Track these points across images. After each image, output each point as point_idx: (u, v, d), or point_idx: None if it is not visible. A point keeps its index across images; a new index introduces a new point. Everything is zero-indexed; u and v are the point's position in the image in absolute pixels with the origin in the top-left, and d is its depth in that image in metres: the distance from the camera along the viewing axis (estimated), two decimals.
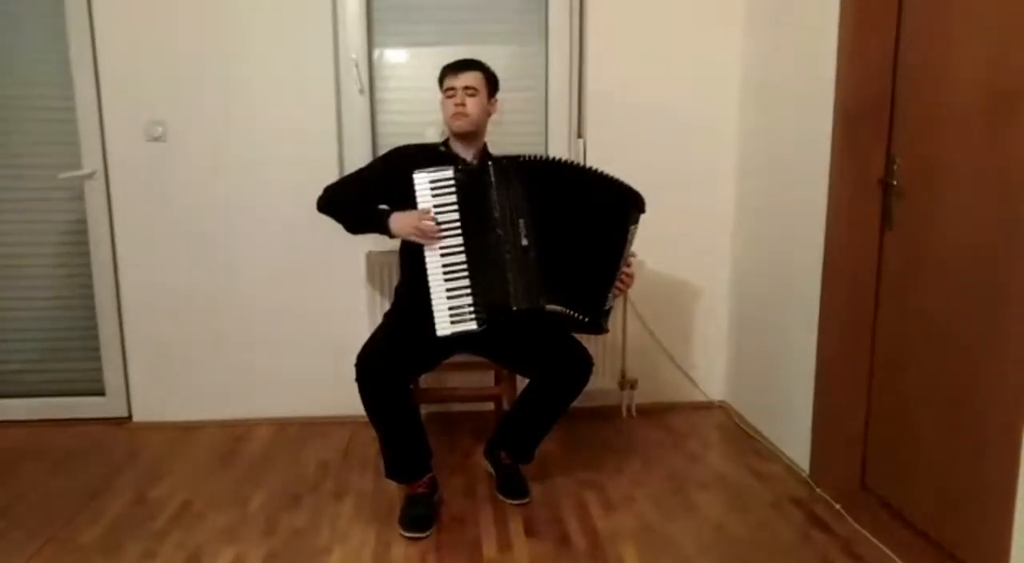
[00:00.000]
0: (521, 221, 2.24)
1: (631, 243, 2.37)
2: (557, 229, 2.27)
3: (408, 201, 2.27)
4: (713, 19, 3.11)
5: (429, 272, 2.25)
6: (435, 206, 2.25)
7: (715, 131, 3.18)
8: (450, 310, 2.24)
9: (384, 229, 2.34)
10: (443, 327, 2.23)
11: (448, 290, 2.24)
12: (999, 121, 1.89)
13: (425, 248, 2.26)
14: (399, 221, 2.31)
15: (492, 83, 2.52)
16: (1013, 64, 1.84)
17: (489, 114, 2.52)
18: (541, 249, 2.25)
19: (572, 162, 2.43)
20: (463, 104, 2.42)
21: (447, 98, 2.46)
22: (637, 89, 3.12)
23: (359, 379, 2.26)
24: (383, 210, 2.38)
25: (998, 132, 1.89)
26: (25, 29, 3.03)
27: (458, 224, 2.25)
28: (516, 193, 2.25)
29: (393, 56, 3.13)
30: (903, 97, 2.29)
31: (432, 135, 3.04)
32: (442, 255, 2.25)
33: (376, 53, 3.12)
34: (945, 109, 2.09)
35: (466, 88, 2.42)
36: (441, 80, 2.50)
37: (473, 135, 2.49)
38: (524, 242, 2.24)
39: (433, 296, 2.24)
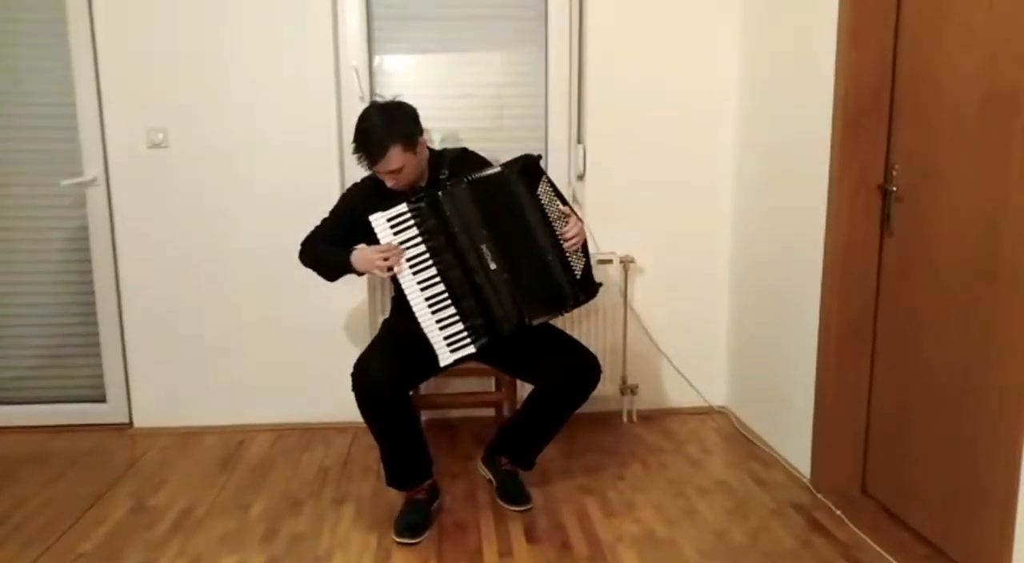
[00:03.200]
0: (484, 246, 2.26)
1: (551, 203, 2.29)
2: (515, 241, 2.27)
3: (376, 239, 2.29)
4: (711, 24, 3.12)
5: (414, 307, 2.26)
6: (400, 242, 2.26)
7: (714, 136, 3.19)
8: (446, 340, 2.26)
9: (351, 270, 2.35)
10: (444, 357, 2.27)
11: (438, 321, 2.26)
12: (997, 125, 1.90)
13: (403, 285, 2.27)
14: (359, 260, 2.31)
15: (412, 140, 2.28)
16: (1012, 67, 1.85)
17: (422, 157, 2.36)
18: (511, 268, 2.27)
19: (484, 172, 2.29)
20: (395, 182, 2.31)
21: (375, 172, 2.32)
22: (637, 94, 3.13)
23: (355, 389, 2.25)
24: (346, 253, 2.34)
25: (996, 136, 1.90)
26: (27, 36, 3.03)
27: (427, 255, 2.26)
28: (471, 219, 2.25)
29: (393, 63, 3.14)
30: (902, 101, 2.29)
31: (434, 142, 3.04)
32: (422, 289, 2.26)
33: (376, 60, 3.13)
34: (944, 114, 2.09)
35: (390, 171, 2.27)
36: (356, 155, 2.29)
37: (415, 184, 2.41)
38: (493, 266, 2.26)
39: (425, 329, 2.26)
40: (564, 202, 2.35)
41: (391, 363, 2.27)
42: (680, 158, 3.19)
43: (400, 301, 2.49)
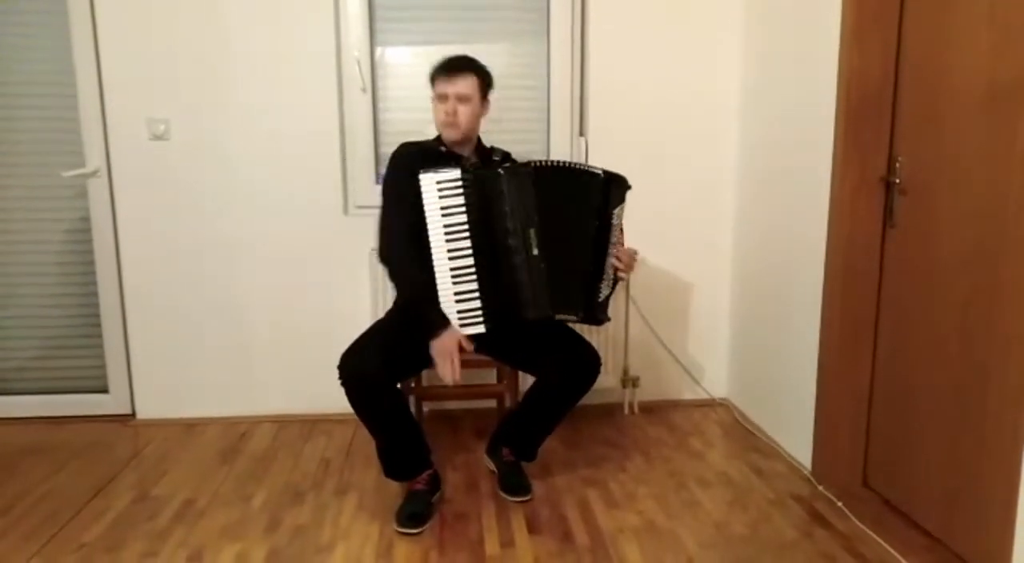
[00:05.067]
0: (532, 230, 2.24)
1: (617, 227, 2.34)
2: (563, 235, 2.27)
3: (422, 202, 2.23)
4: (714, 17, 3.11)
5: (437, 275, 2.23)
6: (442, 207, 2.22)
7: (716, 129, 3.18)
8: (459, 314, 2.23)
9: (426, 337, 2.23)
10: None
11: (456, 294, 2.23)
12: (1001, 118, 1.89)
13: (432, 250, 2.22)
14: (438, 349, 2.21)
15: (487, 85, 2.43)
16: (1015, 61, 1.84)
17: (481, 117, 2.47)
18: (552, 258, 2.25)
19: (566, 162, 2.36)
20: (454, 113, 2.35)
21: (439, 102, 2.39)
22: (638, 87, 3.12)
23: (343, 382, 2.23)
24: (438, 322, 2.21)
25: (1000, 129, 1.89)
26: (28, 28, 3.03)
27: (466, 227, 2.23)
28: (528, 202, 2.24)
29: (395, 54, 3.13)
30: (905, 95, 2.29)
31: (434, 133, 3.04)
32: (450, 258, 2.23)
33: (378, 51, 3.12)
34: (947, 106, 2.09)
35: (459, 96, 2.34)
36: (433, 79, 2.40)
37: (465, 141, 2.46)
38: (536, 252, 2.24)
39: (441, 299, 2.22)
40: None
41: (377, 354, 2.24)
42: (682, 149, 3.18)
43: None
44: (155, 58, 2.99)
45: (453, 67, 2.36)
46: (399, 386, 2.34)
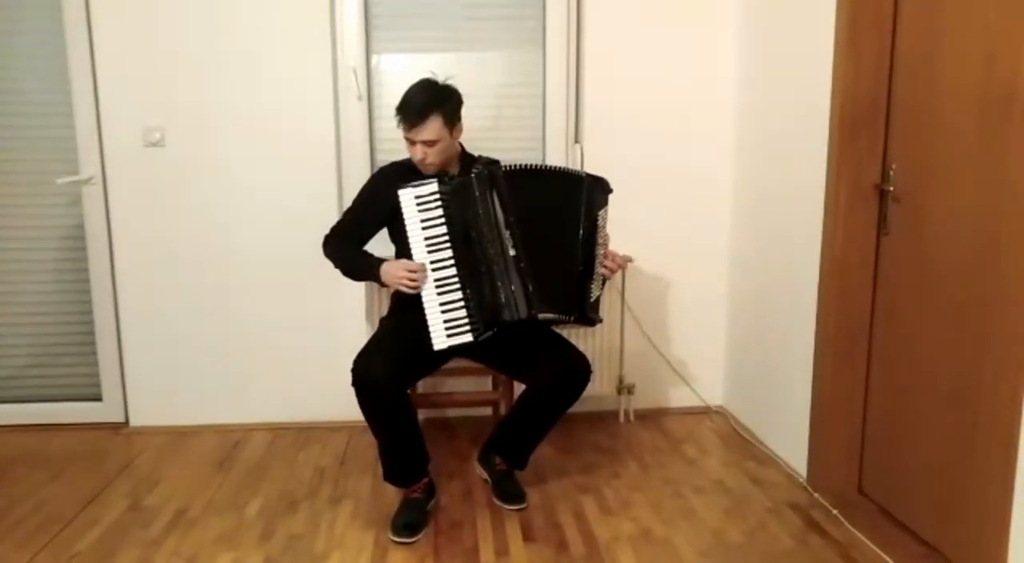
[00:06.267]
0: (507, 232, 2.26)
1: (603, 228, 2.38)
2: (540, 234, 2.28)
3: (401, 219, 2.28)
4: (710, 25, 3.12)
5: (422, 288, 2.26)
6: (422, 221, 2.26)
7: (712, 137, 3.19)
8: (445, 324, 2.25)
9: (376, 279, 2.35)
10: (439, 341, 2.25)
11: (442, 304, 2.25)
12: (994, 126, 1.90)
13: (416, 261, 2.26)
14: (387, 274, 2.31)
15: (453, 115, 2.37)
16: (1007, 70, 1.85)
17: (455, 140, 2.45)
18: (529, 257, 2.26)
19: (546, 165, 2.38)
20: (424, 157, 2.36)
21: (408, 144, 2.38)
22: (634, 95, 3.13)
23: (356, 385, 2.25)
24: (374, 262, 2.36)
25: (993, 137, 1.90)
26: (23, 34, 3.03)
27: (446, 238, 2.26)
28: (501, 204, 2.26)
29: (391, 63, 3.13)
30: (899, 103, 2.30)
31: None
32: (433, 270, 2.26)
33: (374, 60, 3.12)
34: (941, 115, 2.10)
35: (425, 142, 2.33)
36: (398, 119, 2.36)
37: (443, 166, 2.44)
38: (512, 252, 2.26)
39: (427, 310, 2.25)
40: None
41: (391, 360, 2.27)
42: (678, 158, 3.19)
43: (401, 297, 2.49)
44: (151, 66, 2.98)
45: (415, 114, 2.31)
46: (407, 392, 2.36)
